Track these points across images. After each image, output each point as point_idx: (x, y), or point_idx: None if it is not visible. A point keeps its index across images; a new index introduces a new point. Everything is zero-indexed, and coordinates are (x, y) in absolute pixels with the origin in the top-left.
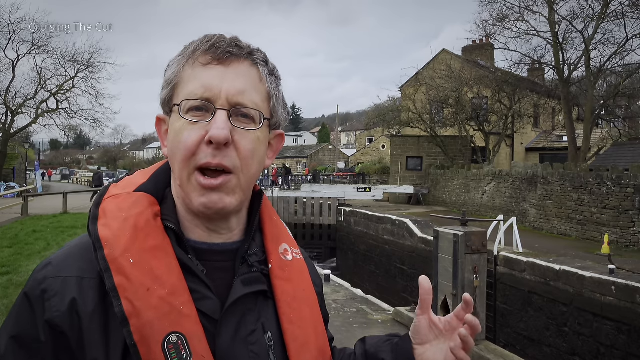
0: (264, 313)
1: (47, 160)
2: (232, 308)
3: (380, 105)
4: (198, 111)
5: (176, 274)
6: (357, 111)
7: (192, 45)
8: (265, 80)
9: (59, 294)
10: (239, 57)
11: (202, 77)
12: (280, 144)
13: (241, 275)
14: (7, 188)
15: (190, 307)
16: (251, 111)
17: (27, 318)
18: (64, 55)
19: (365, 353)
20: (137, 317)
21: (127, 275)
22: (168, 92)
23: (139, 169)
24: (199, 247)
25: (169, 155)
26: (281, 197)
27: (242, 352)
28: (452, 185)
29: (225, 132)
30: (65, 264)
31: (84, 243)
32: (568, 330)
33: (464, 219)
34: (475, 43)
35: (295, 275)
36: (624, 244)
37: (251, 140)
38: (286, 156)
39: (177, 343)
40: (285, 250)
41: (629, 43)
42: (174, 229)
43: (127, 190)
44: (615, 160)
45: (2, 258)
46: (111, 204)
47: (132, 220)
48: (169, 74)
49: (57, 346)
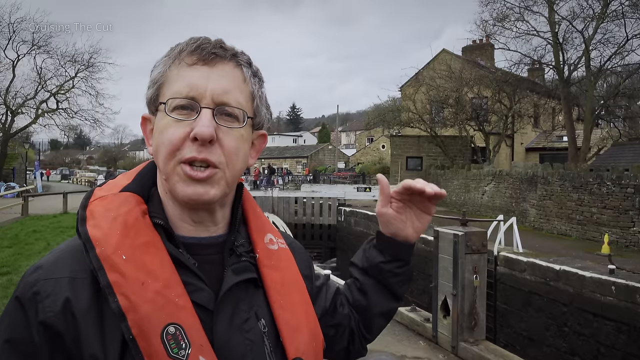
0: (255, 301)
1: (47, 160)
2: (226, 297)
3: (380, 105)
4: (184, 110)
5: (169, 268)
6: (357, 111)
7: (178, 46)
8: (249, 81)
9: (51, 295)
10: (223, 58)
11: (187, 76)
12: (262, 143)
13: (231, 265)
14: (7, 188)
15: (185, 299)
16: (235, 110)
17: (20, 321)
18: (64, 55)
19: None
20: (134, 311)
21: (120, 272)
22: (154, 92)
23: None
24: (188, 241)
25: (153, 152)
26: (281, 197)
27: (238, 339)
28: (452, 185)
29: (210, 129)
30: (55, 267)
31: (73, 245)
32: (568, 330)
33: (464, 219)
34: (475, 43)
35: (282, 263)
36: (624, 244)
37: (235, 138)
38: (286, 156)
39: (175, 334)
40: (271, 240)
41: (629, 43)
42: (162, 225)
43: (112, 191)
44: (615, 160)
45: (2, 258)
46: (98, 206)
47: (122, 219)
48: (155, 73)
49: (52, 347)
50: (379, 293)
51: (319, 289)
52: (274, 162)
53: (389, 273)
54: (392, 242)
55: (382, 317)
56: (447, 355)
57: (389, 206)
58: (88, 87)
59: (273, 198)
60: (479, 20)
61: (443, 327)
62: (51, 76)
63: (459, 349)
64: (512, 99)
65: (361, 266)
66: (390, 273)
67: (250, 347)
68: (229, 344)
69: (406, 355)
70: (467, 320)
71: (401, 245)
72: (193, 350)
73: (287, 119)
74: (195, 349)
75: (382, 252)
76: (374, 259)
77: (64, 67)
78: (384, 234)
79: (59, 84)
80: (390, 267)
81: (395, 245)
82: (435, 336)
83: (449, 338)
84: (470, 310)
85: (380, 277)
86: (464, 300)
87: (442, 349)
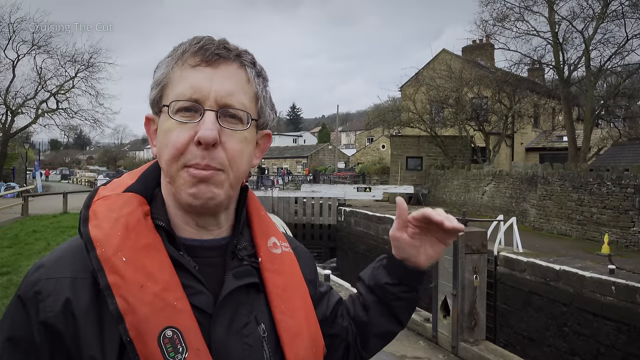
0: (256, 305)
1: (47, 160)
2: (225, 301)
3: (380, 105)
4: (187, 112)
5: (169, 271)
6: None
7: (181, 47)
8: (253, 81)
9: (52, 294)
10: (227, 59)
11: (191, 78)
12: (267, 143)
13: (232, 269)
14: (7, 188)
15: (184, 302)
16: (239, 112)
17: (22, 320)
18: (64, 55)
19: (369, 288)
20: (132, 314)
21: (120, 274)
22: (157, 93)
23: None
24: (190, 244)
25: (157, 154)
26: (281, 197)
27: (236, 344)
28: (452, 185)
29: (213, 132)
30: (57, 266)
31: (75, 245)
32: (568, 330)
33: (464, 219)
34: (475, 43)
35: (285, 267)
36: (624, 244)
37: (239, 141)
38: (286, 156)
39: (172, 337)
40: (275, 243)
41: (629, 43)
42: (164, 227)
43: (116, 191)
44: (615, 160)
45: (2, 258)
46: (101, 206)
47: (123, 220)
48: (158, 75)
49: (52, 346)
50: (380, 313)
51: (322, 295)
52: (274, 162)
53: (393, 296)
54: (401, 266)
55: (379, 338)
56: (447, 355)
57: (405, 231)
58: (88, 87)
59: (273, 198)
60: (479, 20)
61: (443, 327)
62: (51, 76)
63: (459, 349)
64: (512, 99)
65: (367, 283)
66: (393, 296)
67: (248, 351)
68: (227, 348)
69: (406, 355)
70: (467, 320)
71: (410, 270)
72: (190, 354)
73: (287, 119)
74: (192, 353)
75: (389, 273)
76: (380, 279)
77: (64, 67)
78: (395, 256)
79: (59, 84)
80: (395, 290)
81: (404, 269)
82: (435, 336)
83: (449, 338)
84: (470, 310)
85: (384, 298)
86: (464, 300)
87: (442, 349)
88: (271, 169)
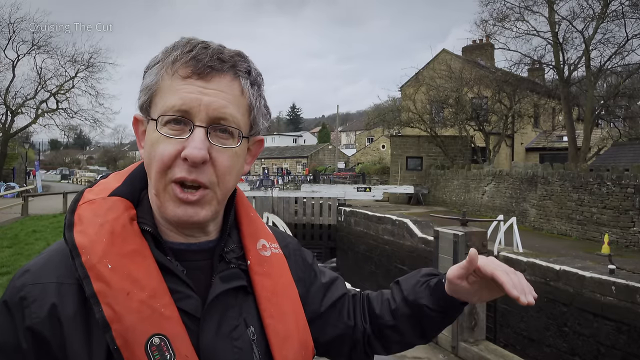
0: (245, 308)
1: (47, 160)
2: (213, 305)
3: (380, 105)
4: (176, 124)
5: (155, 277)
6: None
7: (172, 54)
8: (247, 92)
9: (38, 300)
10: (220, 72)
11: (181, 91)
12: (259, 148)
13: (219, 272)
14: (7, 188)
15: (171, 309)
16: (230, 127)
17: (7, 326)
18: (64, 55)
19: (405, 300)
20: (118, 322)
21: (106, 281)
22: (146, 99)
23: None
24: (177, 247)
25: (145, 162)
26: (281, 197)
27: (225, 347)
28: (452, 185)
29: (202, 152)
30: (43, 271)
31: (62, 249)
32: (568, 330)
33: (464, 219)
34: (475, 43)
35: (274, 270)
36: (624, 244)
37: (229, 157)
38: (286, 156)
39: (160, 345)
40: (264, 246)
41: (629, 43)
42: (151, 231)
43: (101, 195)
44: (615, 160)
45: (2, 258)
46: (86, 210)
47: (109, 226)
48: (148, 80)
49: (39, 353)
50: (410, 326)
51: (327, 286)
52: (274, 162)
53: (428, 317)
54: (449, 299)
55: (399, 345)
56: (447, 355)
57: (465, 278)
58: (88, 87)
59: (273, 198)
60: (479, 20)
61: None
62: (51, 76)
63: (459, 349)
64: (512, 99)
65: (405, 294)
66: (428, 318)
67: (238, 354)
68: (216, 352)
69: (406, 355)
70: (467, 320)
71: (457, 304)
72: None
73: (287, 119)
74: None
75: (433, 299)
76: (421, 299)
77: (64, 67)
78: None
79: (59, 84)
80: (433, 315)
81: (451, 303)
82: (435, 336)
83: (449, 338)
84: (470, 310)
85: (417, 315)
86: None
87: (442, 349)
88: (271, 169)
